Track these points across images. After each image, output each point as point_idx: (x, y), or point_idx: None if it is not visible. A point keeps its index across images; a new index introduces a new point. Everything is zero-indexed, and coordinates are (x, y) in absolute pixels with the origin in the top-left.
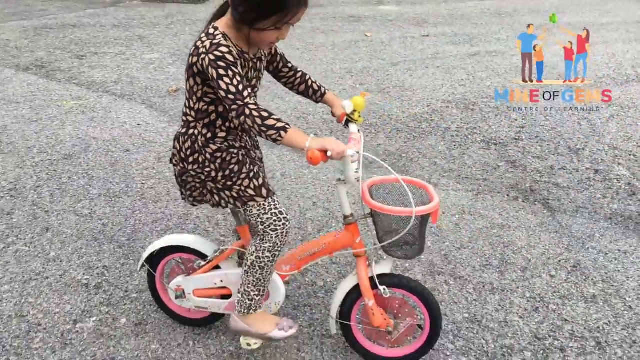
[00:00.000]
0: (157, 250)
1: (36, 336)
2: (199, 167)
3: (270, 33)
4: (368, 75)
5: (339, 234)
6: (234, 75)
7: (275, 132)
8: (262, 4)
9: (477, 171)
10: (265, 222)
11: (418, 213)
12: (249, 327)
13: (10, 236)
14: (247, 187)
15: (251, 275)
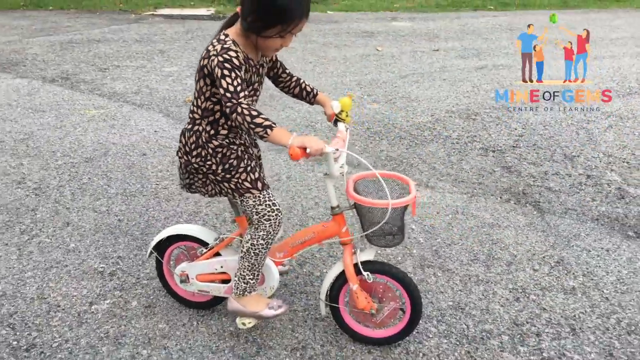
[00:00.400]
0: (164, 238)
1: (55, 315)
2: (201, 160)
3: (275, 40)
4: (376, 87)
5: (327, 224)
6: (235, 77)
7: (262, 130)
8: (268, 15)
9: (473, 175)
10: (260, 213)
11: (394, 205)
12: (244, 307)
13: (34, 229)
14: (244, 180)
15: (246, 260)
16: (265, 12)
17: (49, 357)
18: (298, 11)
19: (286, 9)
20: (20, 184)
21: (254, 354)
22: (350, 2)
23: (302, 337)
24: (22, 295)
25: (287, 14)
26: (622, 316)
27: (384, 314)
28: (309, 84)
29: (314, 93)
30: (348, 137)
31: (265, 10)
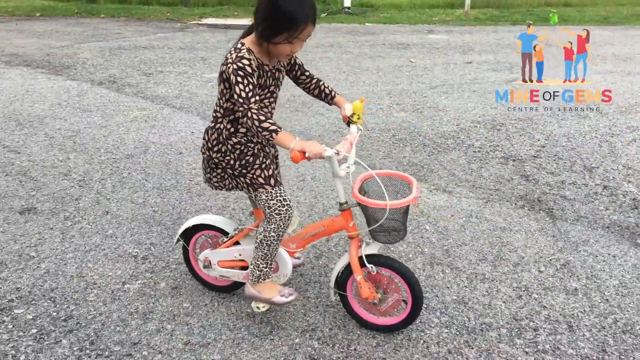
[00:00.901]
0: (190, 227)
1: (92, 292)
2: (221, 156)
3: (284, 46)
4: (406, 96)
5: (336, 219)
6: (247, 83)
7: (269, 133)
8: (275, 22)
9: (490, 182)
10: (272, 207)
11: (392, 206)
12: (258, 293)
13: (76, 217)
14: (259, 176)
15: (260, 250)
16: (272, 20)
17: (84, 327)
18: (302, 18)
19: (291, 16)
20: (66, 176)
21: (268, 333)
22: (390, 15)
23: (312, 321)
24: (63, 273)
25: (293, 21)
26: (620, 317)
27: (388, 304)
28: (328, 86)
29: (332, 95)
30: (357, 138)
31: (272, 18)
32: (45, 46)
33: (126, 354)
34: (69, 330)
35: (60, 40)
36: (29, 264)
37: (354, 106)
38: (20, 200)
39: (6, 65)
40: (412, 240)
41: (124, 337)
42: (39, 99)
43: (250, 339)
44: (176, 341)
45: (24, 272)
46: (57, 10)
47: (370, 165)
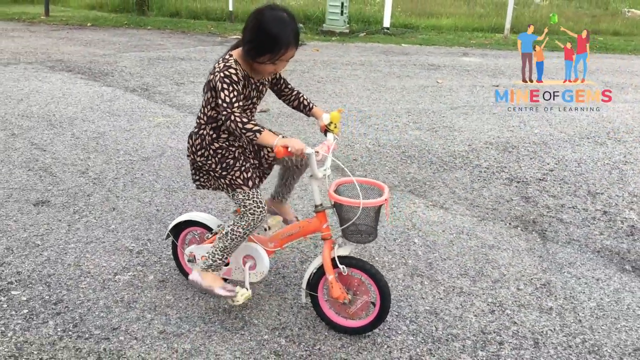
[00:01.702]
0: (179, 223)
1: (84, 280)
2: (204, 159)
3: (267, 66)
4: (424, 115)
5: (311, 220)
6: (232, 90)
7: (252, 134)
8: (260, 44)
9: (489, 202)
10: (247, 207)
11: (364, 204)
12: (201, 280)
13: (85, 211)
14: (237, 177)
15: (222, 242)
16: (257, 42)
17: (70, 311)
18: (284, 42)
19: (274, 40)
20: (83, 173)
21: (239, 329)
22: (428, 36)
23: (284, 320)
24: (62, 261)
25: (276, 44)
26: (589, 337)
27: (357, 306)
28: (307, 98)
29: (310, 107)
30: (333, 145)
31: (257, 40)
32: (90, 54)
33: (104, 338)
34: (57, 313)
35: (104, 49)
36: (33, 251)
37: (332, 115)
38: (37, 193)
39: (50, 70)
40: (398, 252)
41: (105, 322)
42: (73, 102)
43: (221, 332)
44: (153, 329)
45: (27, 258)
46: (108, 21)
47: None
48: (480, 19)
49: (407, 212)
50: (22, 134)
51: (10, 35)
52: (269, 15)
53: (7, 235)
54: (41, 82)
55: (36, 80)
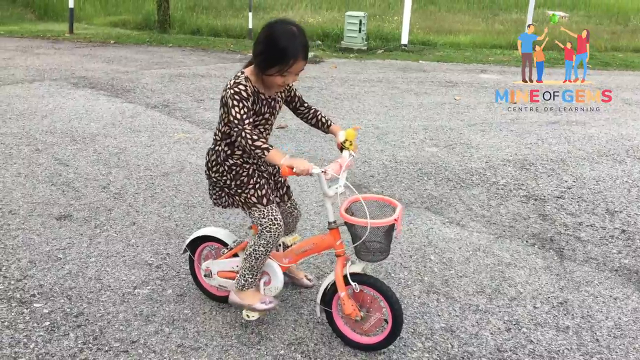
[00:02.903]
0: (194, 238)
1: (104, 293)
2: (219, 176)
3: (277, 78)
4: (441, 132)
5: (325, 237)
6: (242, 107)
7: (261, 151)
8: (269, 56)
9: (506, 219)
10: (263, 225)
11: (372, 224)
12: (241, 300)
13: (106, 225)
14: (252, 195)
15: (248, 262)
16: (267, 54)
17: (91, 324)
18: (293, 54)
19: (283, 51)
20: (104, 188)
21: (256, 343)
22: (446, 53)
23: (300, 335)
24: (83, 275)
25: (285, 56)
26: (606, 357)
27: (370, 323)
28: (325, 115)
29: (328, 124)
30: (348, 163)
31: (267, 52)
32: (112, 71)
33: (123, 351)
34: (78, 325)
35: (126, 65)
36: (55, 264)
37: (347, 133)
38: (59, 207)
39: (73, 87)
40: (414, 268)
41: (124, 335)
42: (95, 119)
43: (238, 347)
44: (170, 343)
45: (49, 272)
46: (130, 39)
47: (390, 196)
48: (499, 35)
49: (423, 229)
50: (46, 149)
51: (36, 53)
52: (279, 29)
53: (30, 248)
54: (65, 99)
55: (60, 97)
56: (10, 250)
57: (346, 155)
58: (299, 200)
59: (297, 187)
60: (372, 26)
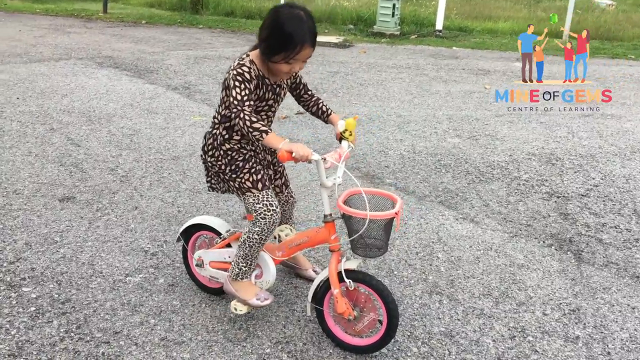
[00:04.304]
0: (188, 226)
1: (95, 280)
2: (215, 160)
3: (282, 66)
4: (466, 122)
5: (319, 230)
6: (244, 88)
7: (259, 134)
8: (275, 42)
9: (524, 217)
10: (258, 211)
11: (372, 216)
12: (236, 291)
13: (107, 209)
14: (247, 180)
15: (242, 250)
16: (273, 39)
17: (77, 311)
18: (300, 40)
19: (289, 37)
20: (112, 170)
21: (242, 340)
22: (482, 40)
23: (289, 333)
24: (76, 260)
25: (291, 42)
26: None
27: (363, 323)
28: (326, 104)
29: (328, 113)
30: (346, 153)
31: (273, 38)
32: (139, 51)
33: (105, 341)
34: (63, 313)
35: (154, 46)
36: (51, 247)
37: (347, 123)
38: (64, 189)
39: (98, 66)
40: (419, 267)
41: (109, 325)
42: (114, 99)
43: (223, 343)
44: (154, 335)
45: (44, 255)
46: (162, 19)
47: (403, 188)
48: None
49: (434, 224)
50: (61, 129)
51: (67, 31)
52: (286, 13)
53: (28, 230)
54: (87, 78)
55: (83, 76)
56: (9, 231)
57: (345, 146)
58: (307, 190)
59: (309, 176)
60: (408, 10)
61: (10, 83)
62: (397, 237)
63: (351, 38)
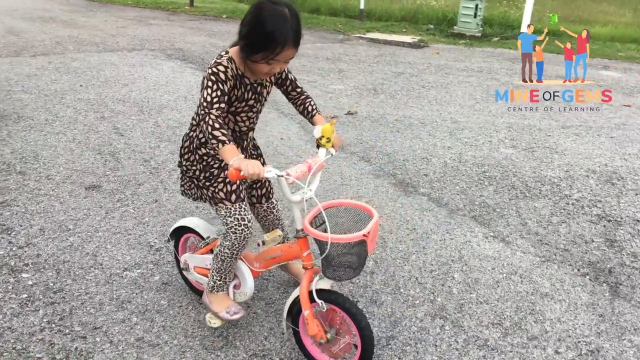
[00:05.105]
0: (178, 227)
1: (93, 271)
2: (190, 165)
3: (262, 66)
4: (527, 133)
5: (292, 245)
6: (216, 89)
7: (216, 143)
8: (255, 40)
9: (563, 240)
10: (229, 224)
11: (333, 240)
12: (210, 303)
13: (128, 200)
14: (220, 190)
15: (215, 263)
16: (253, 37)
17: (65, 302)
18: (281, 40)
19: (270, 37)
20: (145, 162)
21: (217, 349)
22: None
23: (268, 346)
24: (82, 250)
25: (271, 41)
26: None
27: (339, 346)
28: (313, 104)
29: (312, 114)
30: (320, 163)
31: (253, 36)
32: (210, 45)
33: (81, 336)
34: (52, 302)
35: (226, 40)
36: (62, 235)
37: (324, 129)
38: (93, 177)
39: (166, 58)
40: (430, 286)
41: (91, 319)
42: (171, 90)
43: (197, 350)
44: (131, 335)
45: (52, 242)
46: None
47: (436, 199)
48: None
49: (459, 241)
50: (110, 118)
51: (149, 23)
52: (268, 10)
53: (47, 215)
54: (152, 69)
55: (149, 67)
56: (28, 216)
57: (322, 154)
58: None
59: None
60: (497, 12)
61: (79, 71)
62: (414, 252)
63: (428, 38)
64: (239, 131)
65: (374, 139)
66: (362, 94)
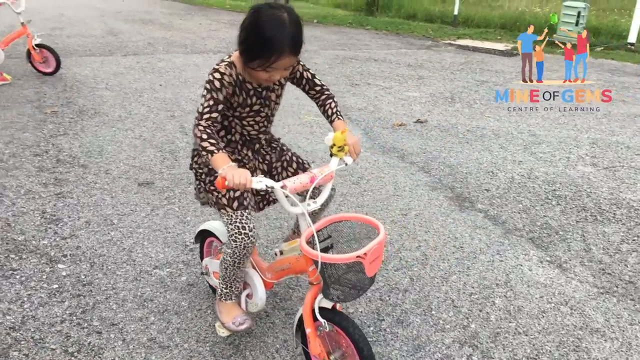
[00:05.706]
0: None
1: (124, 267)
2: (199, 167)
3: (260, 73)
4: (611, 150)
5: (299, 258)
6: (209, 98)
7: (206, 154)
8: (252, 46)
9: (629, 271)
10: (230, 232)
11: (324, 259)
12: (219, 312)
13: (175, 198)
14: (223, 195)
15: (220, 271)
16: (250, 43)
17: (92, 295)
18: (278, 47)
19: (267, 43)
20: None
21: (226, 357)
22: None
23: (279, 358)
24: (119, 244)
25: (268, 48)
26: None
27: None
28: (334, 107)
29: (332, 118)
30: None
31: (250, 42)
32: None
33: (97, 331)
34: (78, 295)
35: (311, 44)
36: (105, 229)
37: (335, 137)
38: (149, 174)
39: None
40: (466, 310)
41: (110, 315)
42: None
43: (204, 356)
44: (145, 334)
45: (94, 235)
46: (335, 19)
47: (494, 217)
48: None
49: (509, 263)
50: (180, 117)
51: None
52: (266, 15)
53: (96, 209)
54: None
55: None
56: (79, 208)
57: (334, 164)
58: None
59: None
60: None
61: (163, 71)
62: (456, 272)
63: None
64: (248, 135)
65: (439, 149)
66: (437, 102)
